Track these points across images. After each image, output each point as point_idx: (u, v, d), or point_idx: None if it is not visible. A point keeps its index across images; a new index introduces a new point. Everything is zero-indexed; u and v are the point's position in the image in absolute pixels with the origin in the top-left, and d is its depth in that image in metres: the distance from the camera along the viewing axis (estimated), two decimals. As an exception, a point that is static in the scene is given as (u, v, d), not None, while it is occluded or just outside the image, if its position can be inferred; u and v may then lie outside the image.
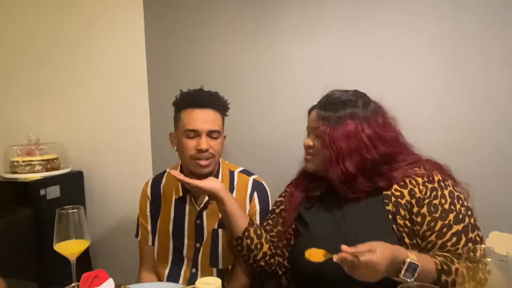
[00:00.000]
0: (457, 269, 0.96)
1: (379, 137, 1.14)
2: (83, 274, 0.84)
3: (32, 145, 2.00)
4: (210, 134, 1.38)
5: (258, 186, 1.48)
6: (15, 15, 2.19)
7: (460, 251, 1.03)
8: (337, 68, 1.69)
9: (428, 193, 1.11)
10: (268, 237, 1.32)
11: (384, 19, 1.63)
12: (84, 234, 1.06)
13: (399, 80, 1.62)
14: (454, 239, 1.05)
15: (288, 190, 1.39)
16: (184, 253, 1.46)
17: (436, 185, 1.11)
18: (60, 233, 1.04)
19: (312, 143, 1.21)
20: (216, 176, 1.46)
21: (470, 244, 1.04)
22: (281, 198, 1.39)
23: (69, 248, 1.04)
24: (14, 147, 2.00)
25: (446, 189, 1.11)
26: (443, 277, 0.97)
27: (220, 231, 1.43)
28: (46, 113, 2.17)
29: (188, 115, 1.39)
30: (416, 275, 0.91)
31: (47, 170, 1.96)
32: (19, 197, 1.84)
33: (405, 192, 1.12)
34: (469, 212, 1.09)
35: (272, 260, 1.30)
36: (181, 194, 1.46)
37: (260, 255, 1.28)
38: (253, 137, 1.82)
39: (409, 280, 0.90)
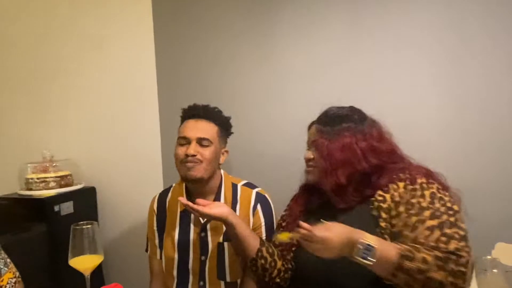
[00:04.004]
0: (424, 258, 0.94)
1: (372, 149, 1.18)
2: (101, 288, 0.87)
3: (46, 162, 2.04)
4: (200, 141, 1.43)
5: (261, 199, 1.50)
6: (26, 33, 2.24)
7: (432, 244, 0.99)
8: (342, 83, 1.72)
9: (408, 194, 1.10)
10: (279, 252, 1.33)
11: (386, 28, 1.66)
12: (98, 249, 1.08)
13: (399, 91, 1.65)
14: (427, 232, 1.01)
15: (289, 204, 1.42)
16: (190, 266, 1.47)
17: (417, 186, 1.10)
18: (75, 249, 1.06)
19: (312, 156, 1.26)
20: (219, 189, 1.49)
21: (444, 238, 0.99)
22: (285, 213, 1.41)
23: (84, 263, 1.06)
24: (29, 165, 2.04)
25: (428, 190, 1.09)
26: (406, 263, 0.95)
27: (225, 244, 1.45)
28: (59, 131, 2.22)
29: (182, 125, 1.49)
30: (372, 255, 0.95)
31: (61, 186, 1.99)
32: (34, 214, 1.87)
33: (388, 196, 1.13)
34: (450, 212, 1.04)
35: (286, 275, 1.32)
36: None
37: (275, 272, 1.30)
38: (259, 150, 1.85)
39: (365, 262, 0.95)
